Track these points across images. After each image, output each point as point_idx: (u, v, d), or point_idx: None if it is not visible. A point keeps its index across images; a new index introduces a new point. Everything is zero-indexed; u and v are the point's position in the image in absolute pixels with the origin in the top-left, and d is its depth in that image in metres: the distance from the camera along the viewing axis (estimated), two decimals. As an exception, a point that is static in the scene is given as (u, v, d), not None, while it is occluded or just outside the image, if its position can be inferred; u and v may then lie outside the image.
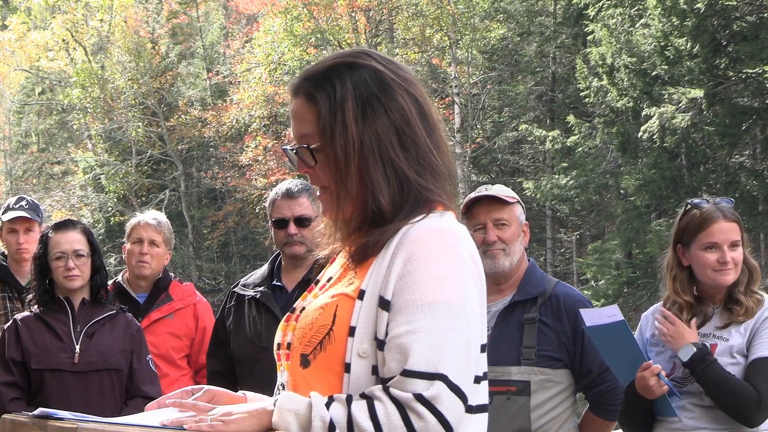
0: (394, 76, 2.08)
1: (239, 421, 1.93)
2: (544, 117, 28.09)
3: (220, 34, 36.60)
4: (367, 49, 2.17)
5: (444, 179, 2.08)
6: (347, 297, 2.01)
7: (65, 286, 4.33)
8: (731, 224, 3.51)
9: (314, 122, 2.06)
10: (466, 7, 27.08)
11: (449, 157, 2.12)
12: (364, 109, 2.03)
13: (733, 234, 3.50)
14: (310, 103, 2.07)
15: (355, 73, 2.06)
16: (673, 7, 19.72)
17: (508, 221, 3.72)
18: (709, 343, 3.48)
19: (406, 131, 2.05)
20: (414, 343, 1.89)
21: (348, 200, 2.04)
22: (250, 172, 29.92)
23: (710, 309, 3.55)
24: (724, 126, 20.01)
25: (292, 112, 2.12)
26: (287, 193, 4.18)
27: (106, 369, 4.28)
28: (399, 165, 2.03)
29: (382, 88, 2.06)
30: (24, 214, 5.15)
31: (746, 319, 3.45)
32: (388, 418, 1.86)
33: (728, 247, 3.49)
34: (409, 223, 2.01)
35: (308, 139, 2.07)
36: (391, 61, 2.12)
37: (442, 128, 2.15)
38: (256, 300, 4.24)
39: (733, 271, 3.50)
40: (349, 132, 2.02)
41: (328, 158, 2.05)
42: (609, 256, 22.35)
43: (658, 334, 3.52)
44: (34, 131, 38.73)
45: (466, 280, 1.98)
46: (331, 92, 2.04)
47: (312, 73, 2.10)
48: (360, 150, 2.02)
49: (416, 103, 2.09)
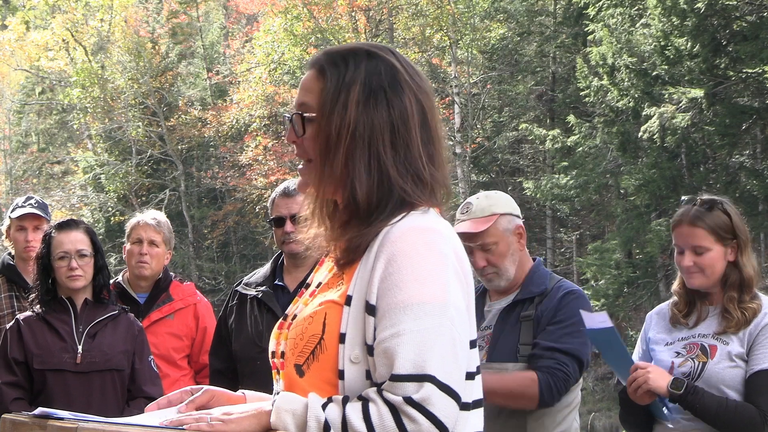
0: (409, 79, 2.08)
1: (238, 421, 1.93)
2: (544, 117, 28.09)
3: (220, 34, 36.61)
4: (394, 49, 2.17)
5: (427, 188, 2.06)
6: (335, 304, 2.01)
7: (68, 286, 4.33)
8: (695, 229, 3.44)
9: (317, 94, 2.07)
10: (466, 7, 27.08)
11: (443, 172, 2.10)
12: (368, 97, 2.04)
13: (694, 239, 3.44)
14: (319, 76, 2.08)
15: (372, 61, 2.07)
16: (673, 6, 19.72)
17: (493, 243, 3.71)
18: (708, 345, 3.47)
19: (401, 131, 2.04)
20: (399, 347, 1.89)
21: (331, 180, 2.04)
22: (250, 171, 29.92)
23: (705, 309, 3.53)
24: (724, 126, 20.01)
25: (301, 82, 2.13)
26: (285, 192, 4.23)
27: (108, 369, 4.28)
28: (383, 160, 2.02)
29: (393, 84, 2.06)
30: (34, 211, 5.16)
31: (740, 330, 3.43)
32: (382, 420, 1.86)
33: (690, 252, 3.45)
34: (389, 224, 2.00)
35: (306, 108, 2.08)
36: (412, 66, 2.12)
37: (445, 147, 2.14)
38: (257, 299, 4.26)
39: (699, 275, 3.46)
40: (347, 113, 2.02)
41: (318, 133, 2.05)
42: (609, 255, 22.35)
43: (630, 391, 3.44)
44: (34, 131, 38.73)
45: (449, 278, 1.96)
46: (343, 71, 2.06)
47: (332, 51, 2.12)
48: (352, 134, 2.02)
49: (421, 111, 2.08)
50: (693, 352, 3.48)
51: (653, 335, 3.64)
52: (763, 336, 3.39)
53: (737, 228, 3.49)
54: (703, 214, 3.47)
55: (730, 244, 3.47)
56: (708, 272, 3.46)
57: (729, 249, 3.47)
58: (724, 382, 3.39)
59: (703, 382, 3.41)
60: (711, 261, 3.45)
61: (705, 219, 3.46)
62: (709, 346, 3.46)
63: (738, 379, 3.39)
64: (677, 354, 3.51)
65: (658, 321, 3.66)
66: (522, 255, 3.81)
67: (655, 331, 3.64)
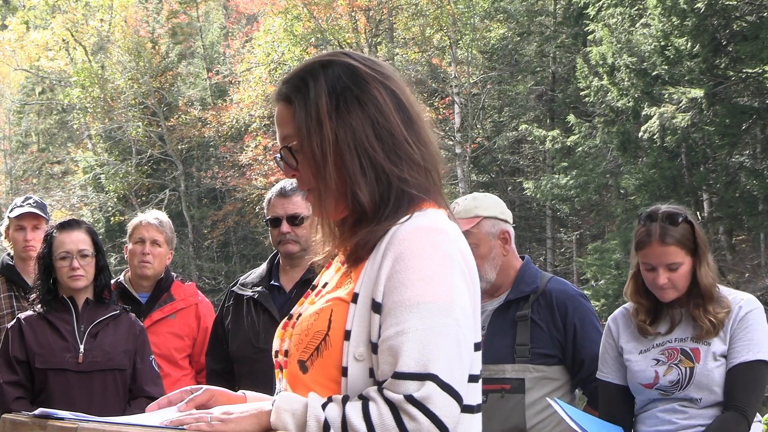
0: (369, 70, 2.09)
1: (238, 421, 1.93)
2: (544, 117, 28.09)
3: (220, 34, 36.62)
4: (346, 50, 2.18)
5: (420, 169, 2.07)
6: (341, 301, 2.01)
7: (69, 286, 4.33)
8: (667, 248, 3.40)
9: (291, 122, 2.08)
10: (466, 7, 27.09)
11: (432, 148, 2.11)
12: (337, 103, 2.04)
13: (668, 257, 3.40)
14: (287, 105, 2.09)
15: (329, 70, 2.08)
16: (673, 6, 19.72)
17: (473, 244, 3.71)
18: (690, 348, 3.45)
19: (381, 122, 2.05)
20: (403, 345, 1.89)
21: (329, 196, 2.05)
22: (250, 171, 29.93)
23: (677, 313, 3.50)
24: (724, 126, 20.01)
25: (275, 118, 2.14)
26: (281, 192, 4.23)
27: (109, 369, 4.28)
28: (374, 156, 2.03)
29: (356, 81, 2.06)
30: (32, 210, 5.16)
31: (713, 336, 3.41)
32: (381, 419, 1.86)
33: (664, 269, 3.42)
34: (397, 223, 2.01)
35: (289, 140, 2.09)
36: (367, 58, 2.13)
37: (428, 121, 2.14)
38: (254, 300, 4.26)
39: (672, 290, 3.43)
40: (324, 128, 2.03)
41: (307, 157, 2.06)
42: (609, 255, 22.33)
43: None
44: (34, 131, 38.74)
45: (455, 279, 1.97)
46: (305, 91, 2.06)
47: (289, 77, 2.13)
48: (335, 145, 2.02)
49: (393, 95, 2.08)
50: (674, 358, 3.45)
51: (624, 343, 3.57)
52: (739, 329, 3.40)
53: (699, 238, 3.45)
54: (671, 229, 3.42)
55: (696, 254, 3.44)
56: (681, 286, 3.44)
57: (695, 259, 3.44)
58: (716, 382, 3.39)
59: (695, 387, 3.40)
60: (683, 274, 3.43)
61: (674, 234, 3.41)
62: (691, 350, 3.44)
63: (723, 378, 3.40)
64: (657, 362, 3.48)
65: (625, 327, 3.59)
66: (508, 258, 3.80)
67: (625, 339, 3.57)
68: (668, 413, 3.45)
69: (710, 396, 3.40)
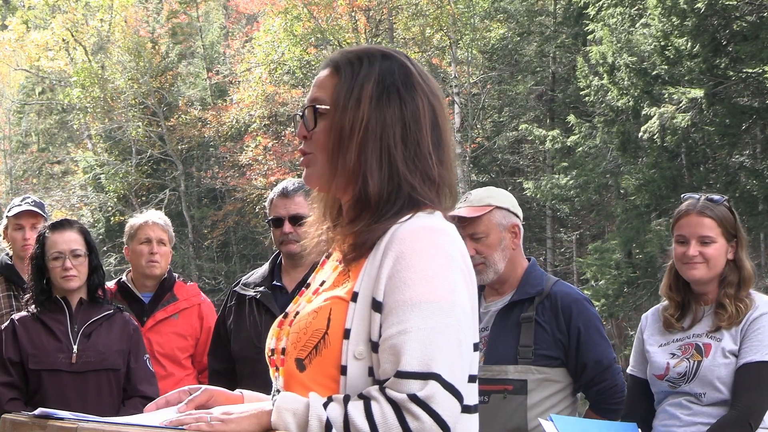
0: (422, 81, 2.13)
1: (238, 421, 1.93)
2: (544, 117, 28.07)
3: (220, 34, 36.59)
4: (408, 55, 2.22)
5: (434, 187, 2.09)
6: (340, 299, 2.01)
7: (62, 287, 4.32)
8: (703, 219, 3.48)
9: (331, 90, 2.10)
10: (466, 7, 27.08)
11: (451, 177, 2.14)
12: (381, 93, 2.07)
13: (702, 229, 3.47)
14: (334, 73, 2.12)
15: (387, 62, 2.12)
16: (673, 6, 19.71)
17: (484, 233, 3.73)
18: (702, 343, 3.48)
19: (412, 128, 2.07)
20: (406, 344, 1.90)
21: (343, 173, 2.06)
22: (250, 172, 29.90)
23: (701, 310, 3.54)
24: (724, 126, 20.00)
25: (315, 79, 2.16)
26: (283, 192, 4.23)
27: (103, 369, 4.28)
28: (394, 155, 2.05)
29: (406, 83, 2.10)
30: (30, 208, 5.17)
31: (732, 326, 3.44)
32: (384, 418, 1.86)
33: (696, 242, 3.47)
34: (398, 222, 2.02)
35: (319, 102, 2.11)
36: (425, 72, 2.17)
37: (454, 154, 2.18)
38: (256, 300, 4.25)
39: (703, 266, 3.48)
40: (361, 108, 2.06)
41: (331, 127, 2.08)
42: (609, 255, 22.32)
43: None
44: (34, 131, 38.71)
45: (456, 279, 1.98)
46: (358, 69, 2.10)
47: (347, 51, 2.16)
48: (365, 128, 2.05)
49: (432, 113, 2.11)
50: (688, 352, 3.50)
51: (647, 336, 3.64)
52: (751, 330, 3.43)
53: (739, 226, 3.53)
54: (710, 205, 3.51)
55: (732, 241, 3.50)
56: (711, 264, 3.48)
57: (730, 246, 3.50)
58: (720, 378, 3.42)
59: (699, 381, 3.43)
60: (716, 252, 3.48)
61: (714, 210, 3.50)
62: (703, 344, 3.48)
63: (731, 376, 3.41)
64: (672, 355, 3.53)
65: (653, 322, 3.67)
66: (516, 255, 3.80)
67: (650, 333, 3.65)
68: (675, 408, 3.48)
69: (714, 393, 3.41)
